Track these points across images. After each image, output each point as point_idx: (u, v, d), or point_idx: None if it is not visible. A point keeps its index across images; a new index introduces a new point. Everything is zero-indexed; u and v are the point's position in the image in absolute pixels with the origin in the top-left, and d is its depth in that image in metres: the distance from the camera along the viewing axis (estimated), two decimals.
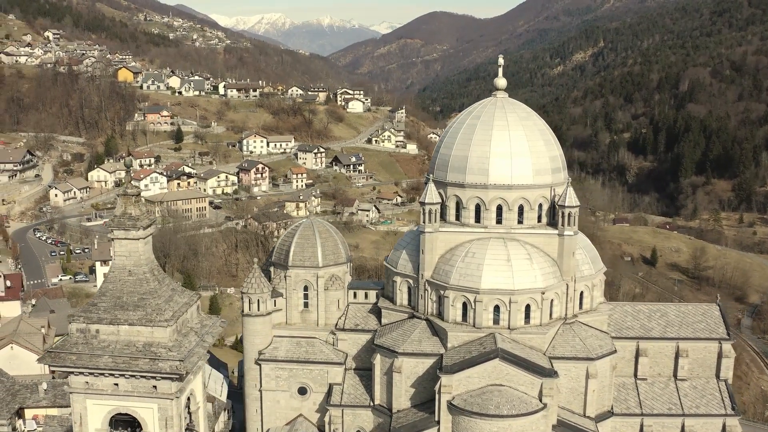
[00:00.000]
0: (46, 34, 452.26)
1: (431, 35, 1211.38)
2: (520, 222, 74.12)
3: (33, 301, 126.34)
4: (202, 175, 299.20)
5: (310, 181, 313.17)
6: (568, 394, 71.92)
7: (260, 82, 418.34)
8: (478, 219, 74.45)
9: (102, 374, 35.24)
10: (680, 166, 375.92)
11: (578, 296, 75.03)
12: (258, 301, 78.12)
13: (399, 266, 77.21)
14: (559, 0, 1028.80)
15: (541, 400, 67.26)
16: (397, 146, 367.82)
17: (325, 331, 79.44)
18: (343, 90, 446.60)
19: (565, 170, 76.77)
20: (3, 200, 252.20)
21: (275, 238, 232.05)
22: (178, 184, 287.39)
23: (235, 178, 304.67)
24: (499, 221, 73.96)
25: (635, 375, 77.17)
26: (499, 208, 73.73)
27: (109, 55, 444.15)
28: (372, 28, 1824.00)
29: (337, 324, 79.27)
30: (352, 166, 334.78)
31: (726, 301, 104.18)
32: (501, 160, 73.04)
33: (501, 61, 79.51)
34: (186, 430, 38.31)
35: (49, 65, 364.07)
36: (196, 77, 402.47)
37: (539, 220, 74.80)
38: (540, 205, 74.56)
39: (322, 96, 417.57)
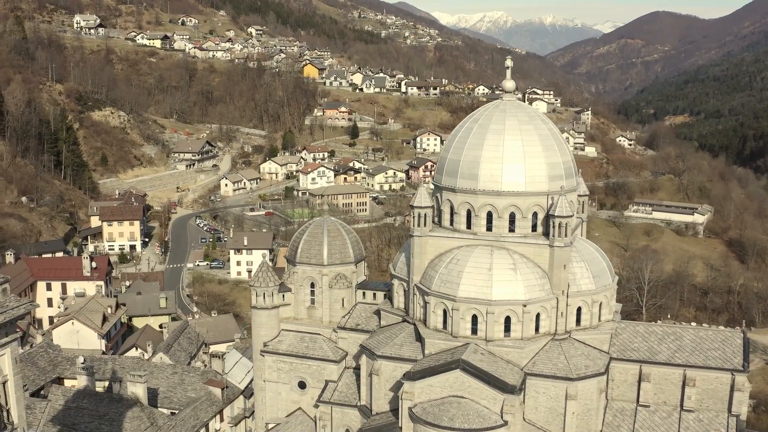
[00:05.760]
0: (249, 30, 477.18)
1: (653, 35, 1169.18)
2: (511, 230, 71.25)
3: (127, 283, 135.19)
4: (370, 170, 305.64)
5: None
6: (546, 414, 68.48)
7: (443, 80, 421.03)
8: (470, 225, 72.38)
9: None
10: None
11: (575, 312, 71.06)
12: (264, 294, 79.90)
13: (397, 269, 76.62)
14: None
15: (502, 417, 64.64)
16: (575, 148, 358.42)
17: (330, 329, 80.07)
18: (531, 90, 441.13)
19: (570, 178, 72.87)
20: (178, 188, 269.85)
21: None
22: (345, 178, 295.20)
23: (403, 175, 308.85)
24: (489, 228, 71.47)
25: (638, 401, 72.05)
26: (490, 215, 71.25)
27: (307, 51, 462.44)
28: (595, 27, 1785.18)
29: (340, 322, 79.70)
30: None
31: None
32: (491, 165, 70.46)
33: (509, 62, 76.45)
34: None
35: (239, 60, 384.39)
36: (379, 74, 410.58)
37: (534, 229, 71.52)
38: (535, 214, 71.25)
39: None
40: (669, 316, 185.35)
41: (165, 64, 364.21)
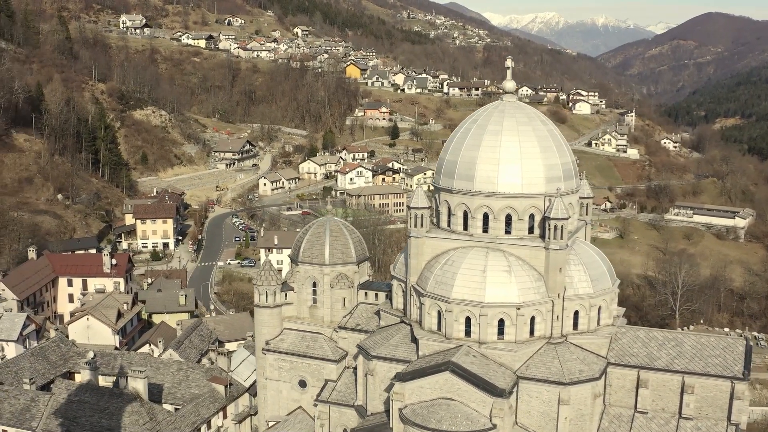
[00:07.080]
0: (296, 30, 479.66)
1: (705, 36, 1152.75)
2: (508, 232, 70.71)
3: (149, 280, 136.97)
4: (409, 171, 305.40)
5: None
6: (539, 418, 67.83)
7: (485, 81, 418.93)
8: (466, 226, 72.01)
9: None
10: None
11: (572, 315, 70.27)
12: (266, 293, 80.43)
13: (397, 270, 76.61)
14: None
15: (491, 420, 64.25)
16: (617, 150, 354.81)
17: (331, 328, 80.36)
18: (575, 91, 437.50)
19: (569, 180, 72.07)
20: (217, 186, 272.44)
21: None
22: (383, 179, 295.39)
23: None
24: (485, 230, 71.04)
25: (635, 407, 70.96)
26: (486, 216, 70.82)
27: (352, 52, 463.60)
28: (648, 29, 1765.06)
29: (340, 322, 79.88)
30: None
31: None
32: (488, 166, 70.01)
33: (509, 63, 76.03)
34: None
35: (282, 60, 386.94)
36: (421, 75, 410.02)
37: (531, 231, 70.89)
38: (532, 216, 70.62)
39: (551, 96, 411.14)
40: (702, 321, 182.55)
41: (209, 63, 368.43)
